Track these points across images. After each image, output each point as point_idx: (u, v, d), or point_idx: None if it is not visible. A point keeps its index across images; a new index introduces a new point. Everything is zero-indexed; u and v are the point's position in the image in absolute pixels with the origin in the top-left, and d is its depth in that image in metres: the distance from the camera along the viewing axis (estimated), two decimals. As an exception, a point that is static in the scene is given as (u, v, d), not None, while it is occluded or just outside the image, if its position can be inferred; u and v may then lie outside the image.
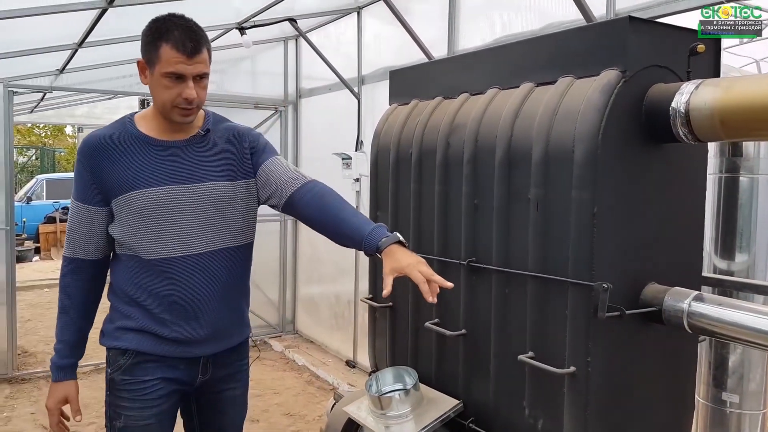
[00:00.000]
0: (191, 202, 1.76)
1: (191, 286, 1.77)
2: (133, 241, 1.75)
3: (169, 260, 1.75)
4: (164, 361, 1.80)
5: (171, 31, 1.65)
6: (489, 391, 2.00)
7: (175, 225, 1.74)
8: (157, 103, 1.74)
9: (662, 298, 1.70)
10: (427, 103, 2.36)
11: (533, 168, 1.79)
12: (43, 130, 22.12)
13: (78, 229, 1.80)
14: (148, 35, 1.69)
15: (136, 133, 1.77)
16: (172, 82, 1.67)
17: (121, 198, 1.73)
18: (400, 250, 1.70)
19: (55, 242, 11.57)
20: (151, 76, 1.71)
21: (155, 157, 1.75)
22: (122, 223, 1.76)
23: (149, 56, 1.69)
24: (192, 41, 1.65)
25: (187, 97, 1.68)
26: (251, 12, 4.54)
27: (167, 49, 1.64)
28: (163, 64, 1.65)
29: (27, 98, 7.03)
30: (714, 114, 1.52)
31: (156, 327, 1.78)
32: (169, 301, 1.77)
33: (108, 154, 1.74)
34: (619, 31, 1.68)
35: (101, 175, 1.73)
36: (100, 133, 1.79)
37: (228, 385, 1.94)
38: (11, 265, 4.94)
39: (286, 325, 6.23)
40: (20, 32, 4.14)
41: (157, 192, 1.72)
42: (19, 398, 4.62)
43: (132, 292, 1.79)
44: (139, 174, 1.73)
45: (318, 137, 5.75)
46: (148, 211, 1.72)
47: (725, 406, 2.27)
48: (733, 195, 2.27)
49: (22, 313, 6.58)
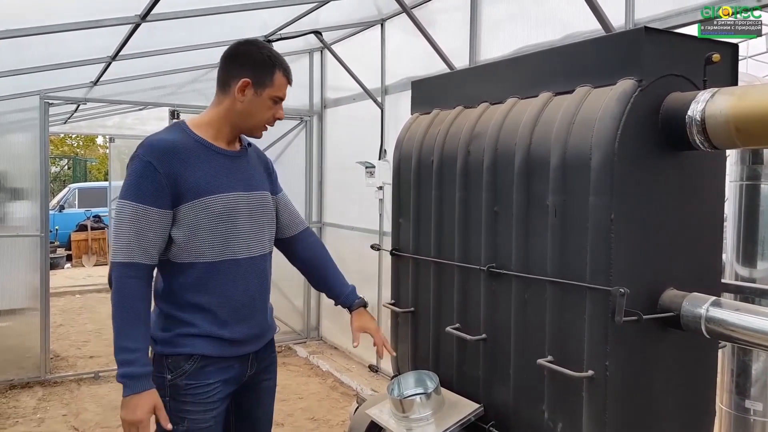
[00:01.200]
0: (251, 208, 1.91)
1: (248, 287, 1.91)
2: (200, 244, 1.81)
3: (233, 262, 1.87)
4: (222, 362, 1.89)
5: (282, 61, 1.90)
6: (509, 394, 2.03)
7: (240, 229, 1.88)
8: (248, 118, 1.89)
9: (680, 303, 1.71)
10: (448, 112, 2.41)
11: (551, 175, 1.83)
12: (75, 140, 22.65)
13: (144, 233, 1.75)
14: (261, 60, 1.86)
15: (200, 140, 1.86)
16: (274, 105, 1.90)
17: (196, 202, 1.79)
18: (366, 313, 2.25)
19: (87, 250, 11.83)
20: (255, 96, 1.86)
21: (222, 164, 1.87)
22: (190, 226, 1.80)
23: (260, 79, 1.85)
24: (291, 73, 1.94)
25: (279, 118, 1.94)
26: (278, 25, 4.65)
27: (280, 77, 1.88)
28: (275, 89, 1.87)
29: (61, 109, 7.25)
30: (729, 122, 1.54)
31: (217, 329, 1.86)
32: (230, 301, 1.87)
33: (180, 158, 1.79)
34: (635, 41, 1.72)
35: (175, 179, 1.77)
36: (165, 137, 1.83)
37: (264, 376, 2.09)
38: (45, 271, 5.09)
39: (311, 332, 6.30)
40: (57, 46, 4.30)
41: (228, 197, 1.84)
42: (51, 401, 4.76)
43: (192, 297, 1.83)
44: (212, 179, 1.82)
45: (342, 146, 5.84)
46: (222, 215, 1.82)
47: (749, 414, 2.26)
48: (754, 202, 2.27)
49: (54, 318, 6.76)
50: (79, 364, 5.68)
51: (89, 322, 7.35)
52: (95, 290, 9.26)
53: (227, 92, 1.87)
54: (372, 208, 5.03)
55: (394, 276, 2.64)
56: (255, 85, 1.85)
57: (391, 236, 2.65)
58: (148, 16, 3.51)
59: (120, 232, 1.76)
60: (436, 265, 2.36)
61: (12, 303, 5.19)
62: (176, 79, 5.91)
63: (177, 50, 4.75)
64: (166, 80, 5.86)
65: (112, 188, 10.04)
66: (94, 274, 10.58)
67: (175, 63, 5.29)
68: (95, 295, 8.96)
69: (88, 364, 5.68)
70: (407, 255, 2.53)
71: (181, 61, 5.23)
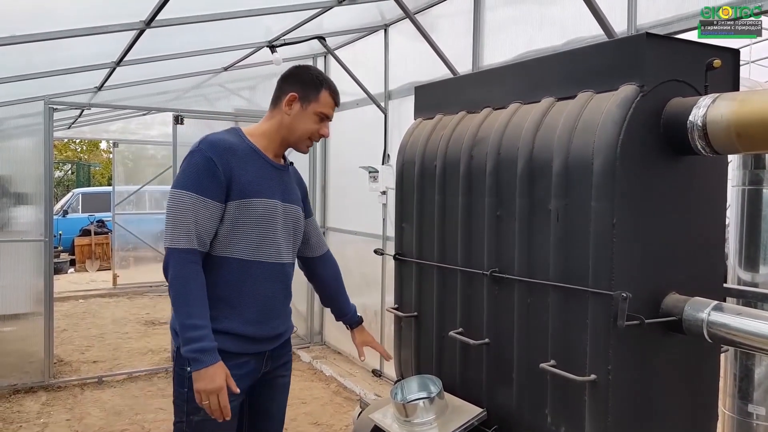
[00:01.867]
0: (286, 218, 2.07)
1: (274, 290, 2.06)
2: (237, 240, 1.96)
3: (265, 264, 2.01)
4: (239, 358, 2.00)
5: (329, 82, 2.11)
6: (512, 399, 2.04)
7: (274, 234, 2.02)
8: (293, 131, 2.06)
9: (682, 307, 1.72)
10: (451, 117, 2.42)
11: (554, 180, 1.84)
12: (79, 145, 22.73)
13: (202, 222, 1.90)
14: (309, 78, 2.08)
15: (254, 147, 2.03)
16: (319, 121, 2.08)
17: (244, 201, 1.94)
18: (364, 329, 2.53)
19: (90, 254, 11.86)
20: (302, 109, 2.05)
21: (269, 173, 2.03)
22: (234, 222, 1.94)
23: (307, 93, 2.05)
24: (338, 96, 2.14)
25: (324, 135, 2.12)
26: (282, 30, 4.67)
27: (326, 95, 2.07)
28: (320, 105, 2.06)
29: (65, 114, 7.29)
30: (730, 127, 1.55)
31: (238, 326, 1.99)
32: (255, 301, 2.01)
33: (237, 157, 1.96)
34: (637, 47, 1.73)
35: (230, 175, 1.93)
36: (224, 137, 1.99)
37: (279, 372, 2.22)
38: (49, 275, 5.11)
39: (314, 337, 6.31)
40: (61, 51, 4.33)
41: (271, 203, 2.00)
42: (55, 405, 4.77)
43: (221, 292, 1.96)
44: (260, 183, 1.99)
45: (346, 151, 5.86)
46: (261, 218, 1.98)
47: (751, 418, 2.26)
48: (757, 207, 2.28)
49: (58, 323, 6.78)
50: (83, 368, 5.69)
51: (93, 326, 7.36)
52: (99, 295, 9.28)
53: (278, 107, 2.08)
54: (375, 213, 5.05)
55: (397, 280, 2.65)
56: (301, 100, 2.04)
57: (394, 241, 2.66)
58: (153, 22, 3.54)
59: (176, 219, 1.89)
60: (439, 270, 2.37)
61: (16, 308, 5.21)
62: (180, 84, 5.94)
63: (181, 56, 4.77)
64: (169, 85, 5.89)
65: (115, 193, 10.06)
66: (98, 278, 10.60)
67: (179, 68, 5.32)
68: (99, 300, 8.98)
69: (91, 368, 5.69)
70: (410, 260, 2.54)
71: (185, 66, 5.26)
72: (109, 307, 8.54)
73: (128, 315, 7.97)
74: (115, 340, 6.70)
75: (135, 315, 7.97)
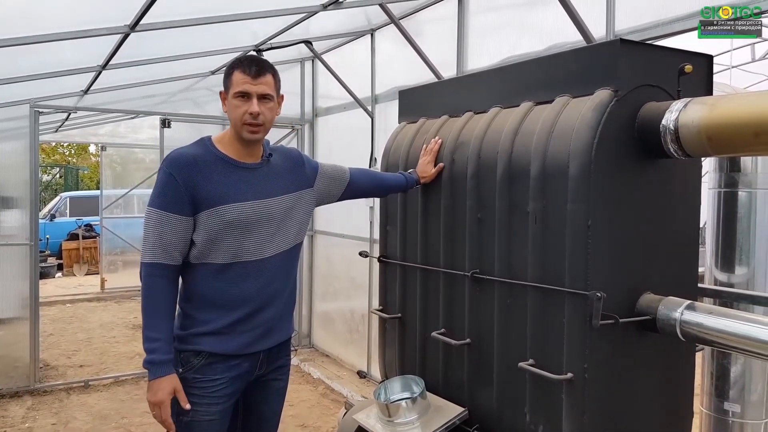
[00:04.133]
0: (265, 214, 2.05)
1: (261, 286, 2.05)
2: (215, 247, 1.98)
3: (246, 264, 2.01)
4: (231, 360, 2.02)
5: (241, 60, 2.02)
6: (492, 398, 2.07)
7: (252, 233, 2.02)
8: (232, 123, 2.03)
9: (656, 307, 1.76)
10: (433, 121, 2.45)
11: (532, 182, 1.88)
12: (67, 148, 22.59)
13: (168, 237, 1.94)
14: (226, 70, 2.03)
15: (220, 155, 2.03)
16: (241, 101, 1.99)
17: (212, 210, 1.96)
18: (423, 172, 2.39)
19: (78, 259, 11.78)
20: (228, 100, 2.03)
21: (240, 177, 2.03)
22: (208, 231, 1.97)
23: (226, 84, 2.03)
24: (257, 66, 2.00)
25: (251, 112, 1.98)
26: (268, 34, 4.69)
27: (237, 74, 1.99)
28: (234, 86, 1.99)
29: (52, 118, 7.26)
30: (701, 131, 1.59)
31: (229, 327, 2.01)
32: (243, 299, 2.02)
33: (198, 170, 1.97)
34: (612, 52, 1.77)
35: (193, 189, 1.95)
36: (187, 151, 2.02)
37: (276, 375, 2.19)
38: (35, 280, 5.08)
39: (302, 339, 6.31)
40: (47, 55, 4.32)
41: (242, 206, 2.00)
42: (40, 410, 4.74)
43: (210, 298, 2.00)
44: (227, 190, 1.99)
45: (333, 154, 5.87)
46: (235, 222, 1.98)
47: (727, 415, 2.31)
48: (732, 209, 2.33)
49: (45, 328, 6.74)
50: (69, 373, 5.66)
51: (80, 331, 7.32)
52: (86, 299, 9.22)
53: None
54: (362, 216, 5.07)
55: (382, 282, 2.68)
56: (225, 92, 2.04)
57: (379, 243, 2.68)
58: (138, 26, 3.55)
59: (146, 236, 1.97)
60: (423, 272, 2.40)
61: (1, 312, 5.18)
62: (167, 87, 5.94)
63: (168, 59, 4.77)
64: (157, 89, 5.89)
65: (104, 197, 10.00)
66: (85, 283, 10.53)
67: (166, 72, 5.32)
68: (86, 305, 8.92)
69: (78, 373, 5.66)
70: (394, 261, 2.57)
71: (172, 69, 5.26)
72: (97, 311, 8.50)
73: (116, 319, 7.94)
74: (103, 345, 6.67)
75: (123, 319, 7.94)
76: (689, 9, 2.48)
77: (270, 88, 2.02)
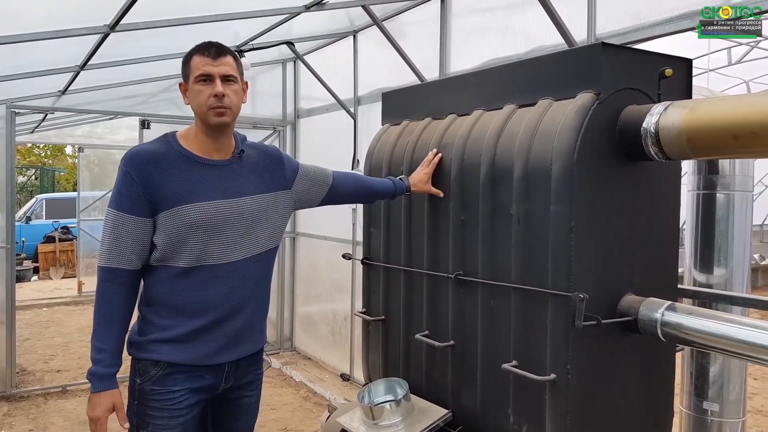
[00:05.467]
0: (233, 215, 1.90)
1: (227, 292, 1.90)
2: (177, 249, 1.84)
3: (209, 267, 1.87)
4: (193, 371, 1.89)
5: (198, 45, 1.90)
6: (476, 399, 2.08)
7: (219, 235, 1.88)
8: (195, 111, 1.89)
9: (637, 307, 1.78)
10: (417, 123, 2.46)
11: (515, 184, 1.89)
12: (43, 150, 22.25)
13: (123, 239, 1.82)
14: (183, 59, 1.92)
15: (183, 152, 1.89)
16: (203, 85, 1.86)
17: (172, 211, 1.82)
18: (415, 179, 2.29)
19: (54, 262, 11.60)
20: (188, 90, 1.90)
21: (203, 174, 1.89)
22: (169, 233, 1.83)
23: (185, 72, 1.91)
24: (215, 47, 1.89)
25: (216, 94, 1.84)
26: (250, 35, 4.66)
27: (196, 58, 1.88)
28: (194, 71, 1.87)
29: (28, 118, 7.14)
30: (681, 133, 1.62)
31: (190, 335, 1.87)
32: (206, 306, 1.88)
33: (159, 168, 1.84)
34: (593, 56, 1.79)
35: (152, 188, 1.82)
36: (147, 148, 1.89)
37: (245, 392, 2.05)
38: (11, 283, 4.99)
39: (284, 342, 6.28)
40: (24, 55, 4.25)
41: (206, 206, 1.85)
42: (17, 416, 4.66)
43: (171, 302, 1.87)
44: (190, 189, 1.85)
45: (316, 156, 5.85)
46: (198, 223, 1.84)
47: (706, 414, 2.34)
48: (711, 211, 2.36)
49: (21, 332, 6.62)
50: (46, 378, 5.57)
51: (57, 335, 7.20)
52: (63, 303, 9.08)
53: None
54: (345, 218, 5.06)
55: (366, 285, 2.67)
56: (185, 83, 1.92)
57: (362, 245, 2.68)
58: (117, 26, 3.50)
59: (103, 238, 1.85)
60: (406, 274, 2.40)
61: (-24, 316, 5.08)
62: (147, 88, 5.87)
63: (147, 59, 4.72)
64: (136, 89, 5.82)
65: (81, 199, 9.86)
66: (62, 286, 10.37)
67: (146, 72, 5.26)
68: (63, 308, 8.79)
69: (55, 378, 5.57)
70: (378, 264, 2.57)
71: (152, 70, 5.20)
72: (74, 315, 8.37)
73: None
74: (80, 349, 6.57)
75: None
76: (669, 13, 2.52)
77: (232, 69, 1.89)
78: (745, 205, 2.36)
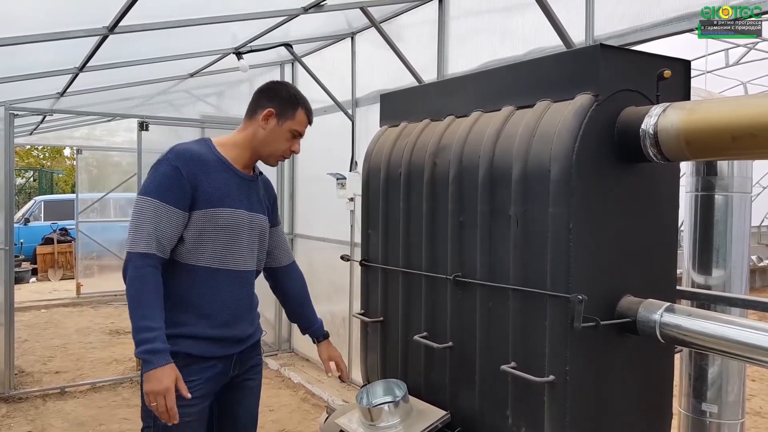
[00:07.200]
0: (251, 228, 2.12)
1: (239, 296, 2.12)
2: (203, 248, 2.00)
3: (229, 272, 2.06)
4: (205, 362, 2.05)
5: (305, 101, 2.17)
6: (475, 401, 2.07)
7: (239, 243, 2.07)
8: (264, 145, 2.12)
9: (636, 309, 1.78)
10: (415, 125, 2.46)
11: (513, 186, 1.89)
12: (41, 152, 22.23)
13: (163, 229, 1.94)
14: (287, 96, 2.13)
15: (221, 158, 2.07)
16: (292, 138, 2.15)
17: (209, 210, 1.99)
18: (330, 343, 2.51)
19: (53, 263, 11.59)
20: (277, 125, 2.11)
21: (236, 183, 2.08)
22: (199, 231, 1.98)
23: (284, 111, 2.11)
24: (312, 115, 2.20)
25: (295, 151, 2.18)
26: (248, 37, 4.66)
27: (302, 114, 2.14)
28: (296, 123, 2.12)
29: (27, 120, 7.13)
30: (680, 135, 1.62)
31: (203, 330, 2.03)
32: (221, 306, 2.06)
33: (202, 168, 2.00)
34: (592, 57, 1.79)
35: (196, 184, 1.98)
36: (192, 147, 2.04)
37: (248, 376, 2.24)
38: (10, 285, 5.00)
39: (282, 344, 6.28)
40: (23, 56, 4.25)
41: (236, 213, 2.05)
42: (15, 417, 4.65)
43: (190, 298, 2.02)
44: (226, 193, 2.04)
45: (314, 158, 5.86)
46: (226, 227, 2.03)
47: (705, 416, 2.34)
48: (709, 212, 2.37)
49: (19, 334, 6.62)
50: (45, 379, 5.56)
51: (55, 336, 7.20)
52: (61, 304, 9.07)
53: (253, 120, 2.13)
54: (343, 220, 5.06)
55: (364, 286, 2.67)
56: (278, 116, 2.10)
57: (361, 247, 2.68)
58: (116, 28, 3.50)
59: (140, 225, 1.93)
60: (405, 275, 2.40)
61: (-26, 318, 5.07)
62: (145, 90, 5.87)
63: (146, 62, 4.72)
64: (134, 91, 5.82)
65: (79, 200, 9.85)
66: (60, 288, 10.36)
67: (144, 74, 5.27)
68: (62, 310, 8.78)
69: (53, 379, 5.56)
70: (376, 265, 2.56)
71: (150, 72, 5.20)
72: (73, 316, 8.36)
73: (92, 324, 7.82)
74: (79, 350, 6.57)
75: (99, 324, 7.82)
76: (667, 15, 2.53)
77: None
78: (744, 207, 2.36)
